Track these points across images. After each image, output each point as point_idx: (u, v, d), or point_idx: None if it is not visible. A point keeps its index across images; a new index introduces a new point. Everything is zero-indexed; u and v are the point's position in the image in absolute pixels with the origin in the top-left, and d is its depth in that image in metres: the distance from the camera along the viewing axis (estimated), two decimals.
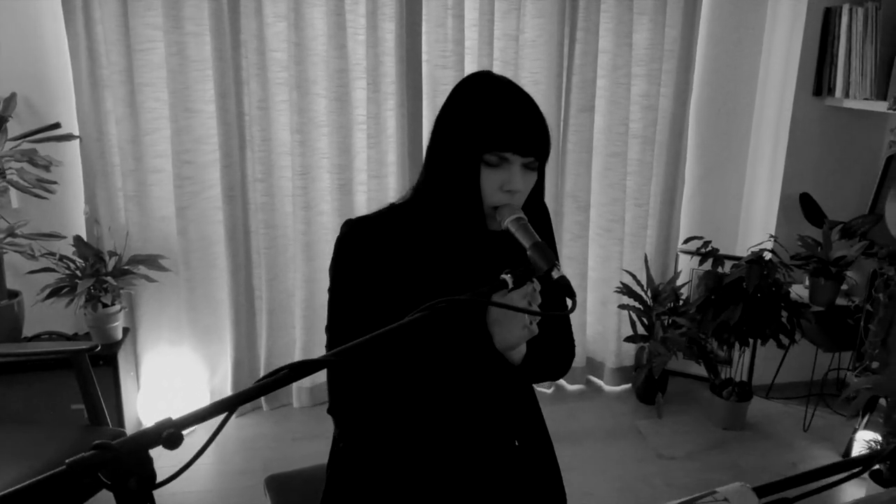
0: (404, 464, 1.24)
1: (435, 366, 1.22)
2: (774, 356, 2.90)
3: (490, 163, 1.12)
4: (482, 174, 1.13)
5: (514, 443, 1.31)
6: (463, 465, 1.25)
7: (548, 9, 2.70)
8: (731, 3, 2.88)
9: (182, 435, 0.80)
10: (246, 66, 2.56)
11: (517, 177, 1.13)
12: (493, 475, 1.27)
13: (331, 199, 2.75)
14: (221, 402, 0.86)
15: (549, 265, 1.01)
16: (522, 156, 1.13)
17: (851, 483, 2.26)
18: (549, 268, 1.01)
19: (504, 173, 1.13)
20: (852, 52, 2.61)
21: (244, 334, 2.82)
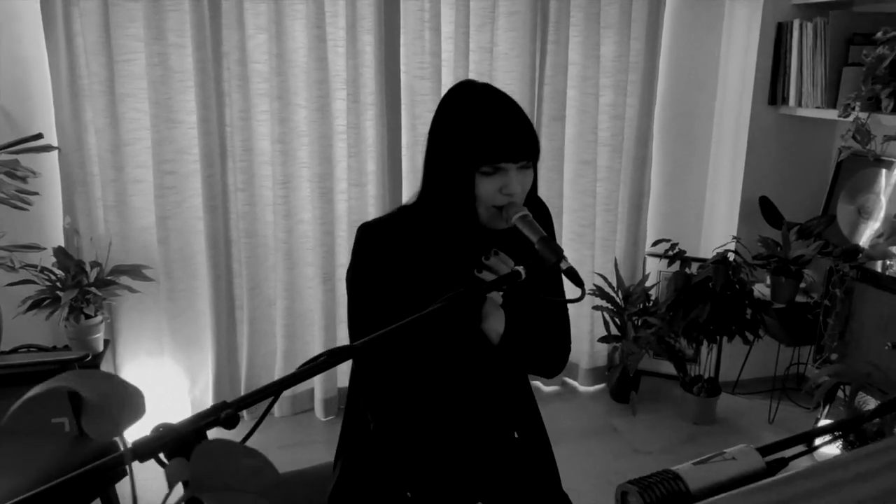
0: (415, 455, 1.30)
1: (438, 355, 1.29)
2: (739, 353, 3.04)
3: (486, 172, 1.19)
4: (480, 182, 1.19)
5: (514, 434, 1.39)
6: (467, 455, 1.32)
7: (520, 23, 2.81)
8: (689, 17, 3.04)
9: (239, 416, 0.86)
10: (228, 77, 2.60)
11: (514, 181, 1.20)
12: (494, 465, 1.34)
13: (311, 208, 2.80)
14: (266, 387, 0.91)
15: (556, 257, 1.09)
16: (515, 162, 1.20)
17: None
18: (557, 260, 1.09)
19: (501, 179, 1.20)
20: (803, 63, 2.79)
21: (225, 344, 2.83)
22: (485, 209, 1.22)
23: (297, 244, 2.83)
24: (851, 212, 2.93)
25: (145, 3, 2.44)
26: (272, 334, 2.91)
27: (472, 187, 1.20)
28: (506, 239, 1.27)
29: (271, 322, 2.89)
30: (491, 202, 1.21)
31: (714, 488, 0.80)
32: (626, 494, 0.80)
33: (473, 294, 1.09)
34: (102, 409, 0.48)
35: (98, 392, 0.48)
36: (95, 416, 0.49)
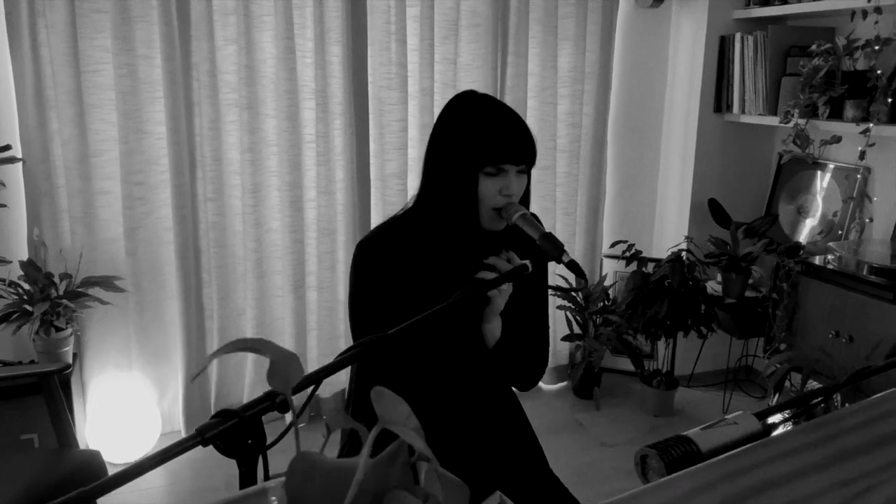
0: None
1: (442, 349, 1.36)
2: (692, 348, 3.21)
3: (489, 173, 1.28)
4: (482, 182, 1.28)
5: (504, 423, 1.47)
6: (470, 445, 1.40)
7: (481, 35, 2.92)
8: (638, 31, 3.21)
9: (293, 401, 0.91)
10: (197, 87, 2.61)
11: (514, 183, 1.29)
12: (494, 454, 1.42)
13: (281, 217, 2.82)
14: (309, 375, 0.97)
15: (558, 252, 1.18)
16: (516, 165, 1.30)
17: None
18: (559, 254, 1.18)
19: (502, 180, 1.29)
20: (746, 74, 2.99)
21: (195, 355, 2.82)
22: (485, 210, 1.30)
23: (267, 253, 2.85)
24: (791, 211, 3.15)
25: (113, 15, 2.44)
26: None
27: (475, 187, 1.28)
28: (502, 241, 1.36)
29: (241, 332, 2.90)
30: (491, 203, 1.29)
31: (721, 448, 0.90)
32: (646, 457, 0.89)
33: (487, 287, 1.17)
34: (278, 369, 0.54)
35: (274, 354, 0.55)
36: (275, 374, 0.56)
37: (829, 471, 0.81)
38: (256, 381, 2.92)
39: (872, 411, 0.96)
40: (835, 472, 0.81)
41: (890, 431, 0.91)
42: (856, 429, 0.93)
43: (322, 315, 2.96)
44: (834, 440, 0.92)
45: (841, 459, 0.84)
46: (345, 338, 3.02)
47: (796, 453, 0.87)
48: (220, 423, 0.85)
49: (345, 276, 2.96)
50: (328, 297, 2.95)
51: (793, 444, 0.89)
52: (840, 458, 0.85)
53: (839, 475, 0.80)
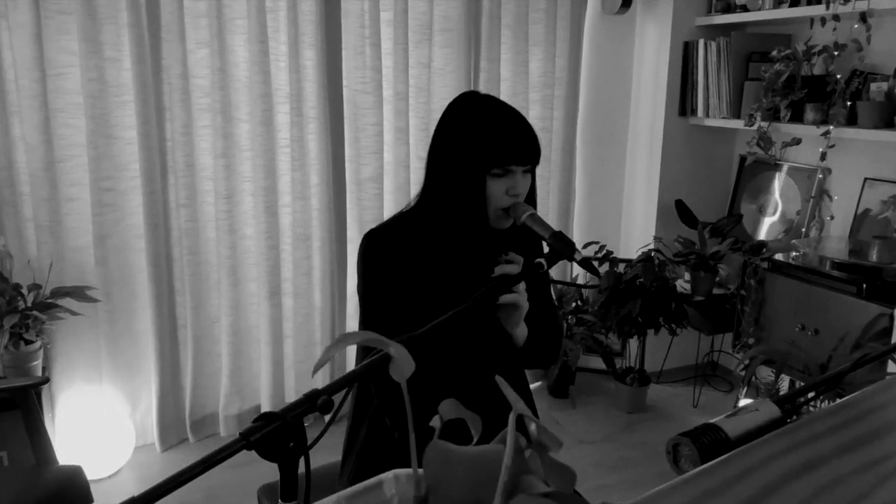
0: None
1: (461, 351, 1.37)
2: (661, 346, 3.30)
3: (496, 174, 1.30)
4: (490, 183, 1.30)
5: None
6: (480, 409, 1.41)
7: (454, 40, 2.94)
8: (605, 37, 3.29)
9: (333, 401, 0.91)
10: (168, 91, 2.55)
11: (520, 182, 1.32)
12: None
13: (255, 223, 2.78)
14: (346, 375, 0.96)
15: (570, 250, 1.20)
16: (523, 165, 1.32)
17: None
18: (571, 252, 1.20)
19: (509, 181, 1.31)
20: (709, 79, 3.09)
21: (168, 365, 2.75)
22: (492, 210, 1.32)
23: (241, 259, 2.80)
24: (753, 211, 3.27)
25: (79, 16, 2.37)
26: (217, 353, 2.85)
27: (483, 188, 1.29)
28: (508, 238, 1.38)
29: (216, 340, 2.84)
30: (499, 203, 1.31)
31: (747, 434, 0.93)
32: (678, 446, 0.92)
33: (501, 288, 1.18)
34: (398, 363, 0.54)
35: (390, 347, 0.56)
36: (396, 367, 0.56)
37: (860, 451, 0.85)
38: (232, 391, 2.86)
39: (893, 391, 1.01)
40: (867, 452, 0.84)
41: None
42: (884, 407, 0.97)
43: (298, 322, 2.93)
44: (860, 421, 0.95)
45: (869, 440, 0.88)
46: (321, 345, 2.99)
47: (828, 434, 0.90)
48: (264, 426, 0.84)
49: (321, 281, 2.93)
50: (304, 304, 2.92)
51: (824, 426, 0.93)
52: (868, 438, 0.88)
53: (872, 454, 0.83)
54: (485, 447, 0.50)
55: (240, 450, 0.83)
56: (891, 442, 0.88)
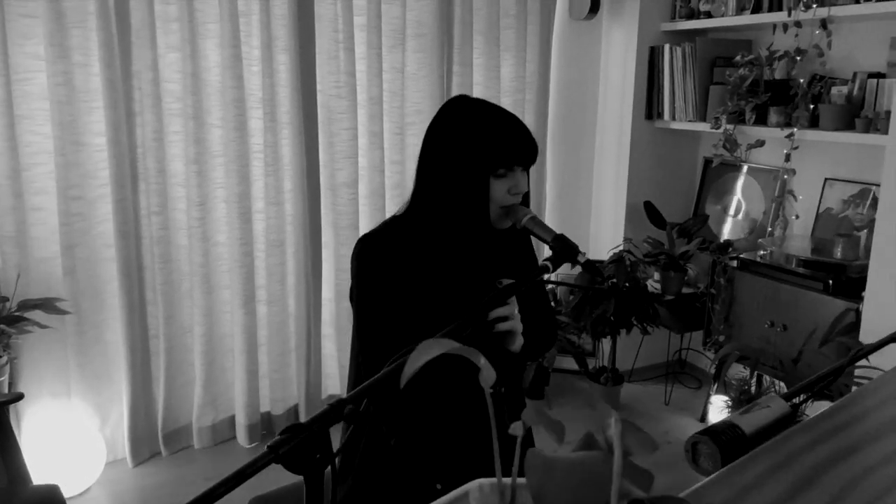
0: (442, 449, 1.37)
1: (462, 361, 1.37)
2: (631, 345, 3.36)
3: (499, 175, 1.31)
4: (493, 183, 1.31)
5: (501, 390, 1.50)
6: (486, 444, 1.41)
7: (427, 45, 2.95)
8: (572, 42, 3.34)
9: (360, 410, 0.90)
10: (139, 96, 2.49)
11: (522, 181, 1.34)
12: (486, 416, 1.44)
13: (228, 230, 2.74)
14: (373, 381, 0.96)
15: (573, 253, 1.22)
16: (525, 165, 1.34)
17: None
18: (575, 255, 1.22)
19: (511, 180, 1.32)
20: (675, 83, 3.17)
21: (140, 377, 2.68)
22: (494, 210, 1.33)
23: (215, 267, 2.75)
24: (718, 211, 3.36)
25: (46, 20, 2.29)
26: (190, 363, 2.79)
27: (486, 189, 1.30)
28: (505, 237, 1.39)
29: (189, 350, 2.78)
30: (501, 203, 1.32)
31: (762, 430, 0.96)
32: (697, 444, 0.94)
33: (508, 293, 1.19)
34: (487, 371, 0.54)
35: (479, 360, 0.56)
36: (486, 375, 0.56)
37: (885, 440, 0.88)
38: (206, 402, 2.80)
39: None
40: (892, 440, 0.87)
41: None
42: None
43: (273, 330, 2.88)
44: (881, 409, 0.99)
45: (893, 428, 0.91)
46: (295, 353, 2.96)
47: (853, 423, 0.93)
48: (292, 438, 0.83)
49: (295, 288, 2.90)
50: (278, 311, 2.88)
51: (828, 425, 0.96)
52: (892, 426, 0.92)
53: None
54: (582, 454, 0.50)
55: (269, 463, 0.82)
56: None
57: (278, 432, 0.85)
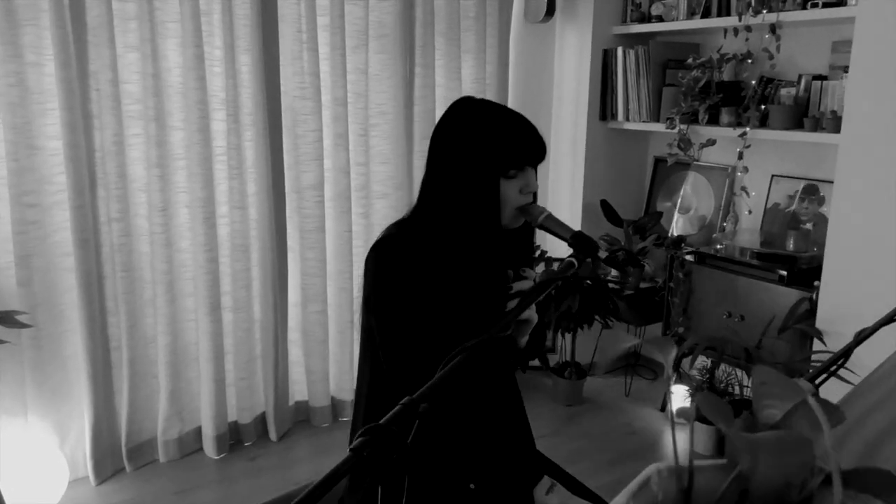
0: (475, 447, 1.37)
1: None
2: (590, 340, 3.45)
3: (511, 175, 1.33)
4: (505, 184, 1.33)
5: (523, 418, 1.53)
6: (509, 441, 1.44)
7: (389, 46, 2.95)
8: (528, 45, 3.41)
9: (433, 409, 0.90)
10: (97, 98, 2.39)
11: (533, 180, 1.36)
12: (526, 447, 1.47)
13: (192, 235, 2.66)
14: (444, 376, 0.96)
15: (593, 249, 1.26)
16: (535, 165, 1.37)
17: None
18: (595, 251, 1.26)
19: (522, 180, 1.35)
20: (629, 85, 3.28)
21: (102, 391, 2.56)
22: (508, 210, 1.35)
23: (178, 274, 2.67)
24: (669, 208, 3.49)
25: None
26: (154, 374, 2.69)
27: (498, 190, 1.32)
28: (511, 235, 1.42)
29: (152, 361, 2.68)
30: (514, 203, 1.34)
31: None
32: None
33: (543, 287, 1.21)
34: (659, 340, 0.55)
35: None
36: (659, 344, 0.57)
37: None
38: (172, 413, 2.71)
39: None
40: None
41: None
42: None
43: (239, 337, 2.82)
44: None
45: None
46: (261, 360, 2.90)
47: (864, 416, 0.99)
48: (374, 440, 0.82)
49: (261, 293, 2.84)
50: (245, 318, 2.82)
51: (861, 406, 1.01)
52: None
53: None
54: (780, 432, 0.52)
55: (354, 467, 0.81)
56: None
57: (357, 435, 0.84)
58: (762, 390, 0.56)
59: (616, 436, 3.04)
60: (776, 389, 0.54)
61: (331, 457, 2.83)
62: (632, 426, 3.13)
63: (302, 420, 3.10)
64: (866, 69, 2.26)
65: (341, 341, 3.06)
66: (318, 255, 2.91)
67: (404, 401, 0.89)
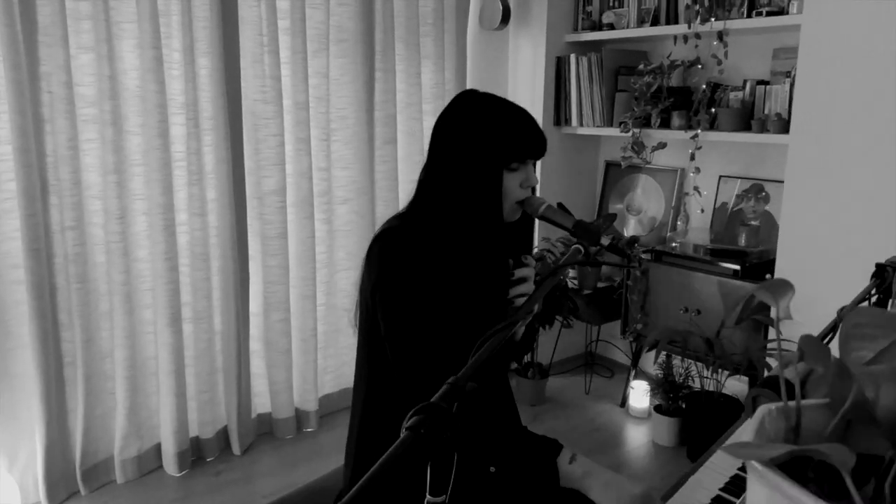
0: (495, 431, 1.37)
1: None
2: (550, 339, 3.51)
3: (513, 168, 1.35)
4: (507, 177, 1.35)
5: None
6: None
7: (349, 50, 2.93)
8: (483, 52, 3.46)
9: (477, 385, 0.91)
10: (49, 101, 2.27)
11: (533, 174, 1.39)
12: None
13: (150, 244, 2.56)
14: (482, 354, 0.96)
15: (597, 235, 1.29)
16: (536, 158, 1.39)
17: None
18: (598, 238, 1.29)
19: (523, 174, 1.37)
20: (582, 91, 3.37)
21: (55, 409, 2.43)
22: (508, 204, 1.36)
23: (136, 285, 2.56)
24: (620, 210, 3.60)
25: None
26: (110, 390, 2.57)
27: (500, 184, 1.34)
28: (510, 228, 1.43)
29: (109, 377, 2.56)
30: (515, 197, 1.36)
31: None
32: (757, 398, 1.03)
33: (555, 277, 1.23)
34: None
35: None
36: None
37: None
38: (130, 431, 2.59)
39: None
40: None
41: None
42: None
43: (200, 349, 2.72)
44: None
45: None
46: (223, 373, 2.81)
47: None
48: (429, 417, 0.82)
49: (222, 303, 2.75)
50: (205, 329, 2.73)
51: None
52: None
53: None
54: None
55: (412, 444, 0.80)
56: None
57: (409, 414, 0.83)
58: (854, 332, 0.59)
59: (580, 432, 3.10)
60: (870, 330, 0.58)
61: (296, 469, 2.77)
62: (594, 422, 3.19)
63: (265, 433, 3.02)
64: (811, 73, 2.41)
65: (304, 350, 3.00)
66: (280, 262, 2.85)
67: (451, 380, 0.89)
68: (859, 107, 2.29)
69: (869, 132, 2.28)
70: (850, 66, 2.30)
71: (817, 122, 2.41)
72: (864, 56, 2.27)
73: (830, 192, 2.40)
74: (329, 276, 3.09)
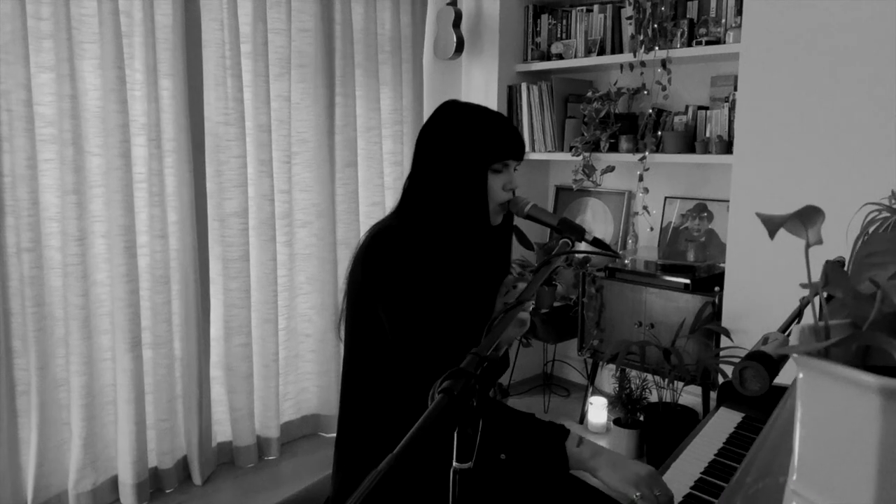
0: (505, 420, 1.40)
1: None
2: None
3: (496, 170, 1.42)
4: (490, 180, 1.42)
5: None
6: None
7: (309, 75, 2.98)
8: (438, 80, 3.57)
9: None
10: (8, 119, 2.22)
11: (514, 177, 1.46)
12: None
13: (109, 267, 2.50)
14: (498, 330, 1.00)
15: (581, 232, 1.36)
16: (517, 160, 1.46)
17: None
18: (582, 234, 1.36)
19: (505, 176, 1.44)
20: (534, 117, 3.51)
21: (6, 441, 2.31)
22: (493, 206, 1.43)
23: (94, 309, 2.49)
24: None
25: None
26: (65, 420, 2.47)
27: (485, 184, 1.40)
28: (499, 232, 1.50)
29: (64, 406, 2.46)
30: (498, 199, 1.42)
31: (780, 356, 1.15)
32: (744, 370, 1.10)
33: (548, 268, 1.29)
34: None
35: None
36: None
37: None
38: (85, 463, 2.48)
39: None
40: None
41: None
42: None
43: (160, 375, 2.65)
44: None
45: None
46: (182, 399, 2.74)
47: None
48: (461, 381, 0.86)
49: (182, 328, 2.70)
50: (165, 355, 2.66)
51: None
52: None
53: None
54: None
55: (447, 407, 0.84)
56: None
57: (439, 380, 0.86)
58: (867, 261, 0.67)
59: None
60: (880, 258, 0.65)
61: (257, 498, 2.71)
62: None
63: (226, 462, 2.95)
64: (751, 97, 2.60)
65: (266, 375, 2.96)
66: (241, 286, 2.82)
67: (474, 350, 0.93)
68: (796, 126, 2.48)
69: (806, 150, 2.47)
70: (786, 89, 2.50)
71: (758, 143, 2.59)
72: (798, 79, 2.47)
73: (773, 207, 2.57)
74: (290, 299, 3.08)
